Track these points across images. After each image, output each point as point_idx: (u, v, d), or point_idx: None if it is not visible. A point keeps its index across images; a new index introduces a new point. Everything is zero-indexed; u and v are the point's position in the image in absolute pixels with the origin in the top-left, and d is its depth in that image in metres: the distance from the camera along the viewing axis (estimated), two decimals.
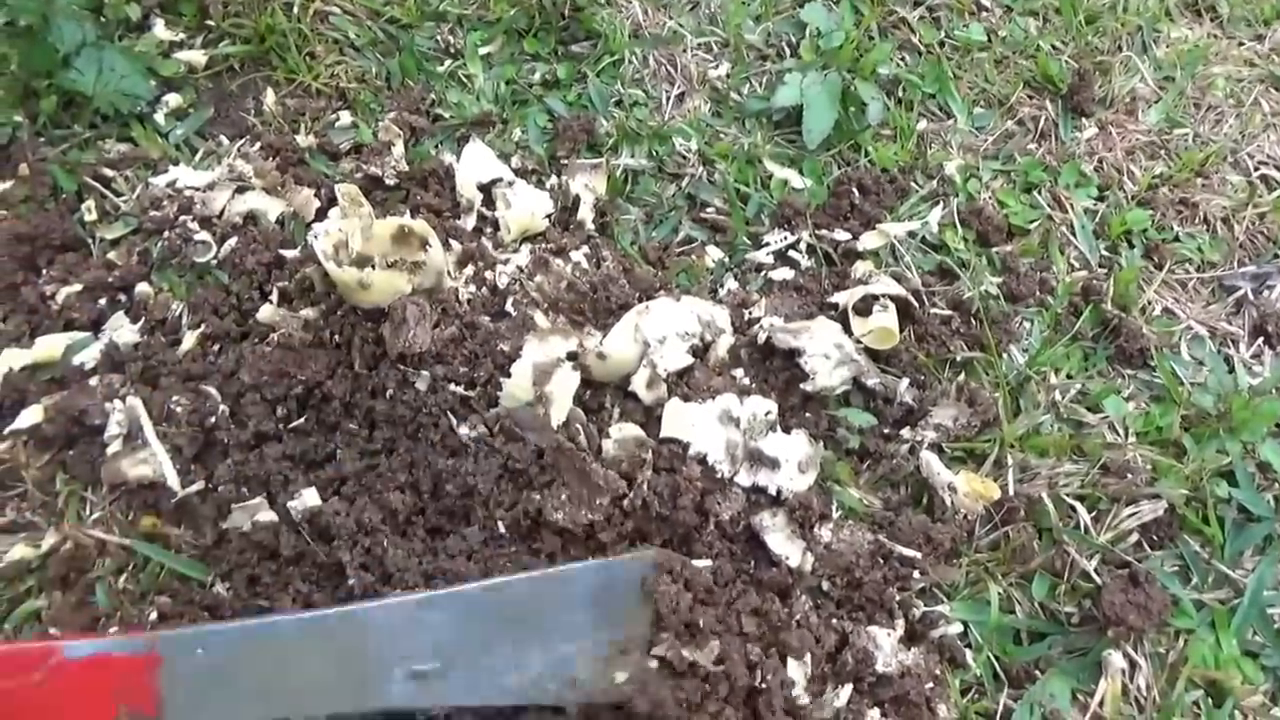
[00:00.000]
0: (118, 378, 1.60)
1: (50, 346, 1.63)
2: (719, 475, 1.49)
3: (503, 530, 1.44)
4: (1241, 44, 2.35)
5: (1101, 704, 1.45)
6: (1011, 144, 2.09)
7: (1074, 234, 1.95)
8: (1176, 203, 2.00)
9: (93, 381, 1.60)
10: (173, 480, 1.50)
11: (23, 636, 1.44)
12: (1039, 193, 2.01)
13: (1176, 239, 1.97)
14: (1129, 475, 1.60)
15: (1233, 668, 1.47)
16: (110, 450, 1.53)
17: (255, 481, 1.52)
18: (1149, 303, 1.86)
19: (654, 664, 1.29)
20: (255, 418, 1.55)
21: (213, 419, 1.55)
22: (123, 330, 1.66)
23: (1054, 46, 2.25)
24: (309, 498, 1.48)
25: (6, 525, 1.54)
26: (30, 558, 1.49)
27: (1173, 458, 1.64)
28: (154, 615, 1.43)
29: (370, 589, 1.40)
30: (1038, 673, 1.48)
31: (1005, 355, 1.76)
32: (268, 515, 1.48)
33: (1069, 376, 1.74)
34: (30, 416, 1.56)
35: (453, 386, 1.53)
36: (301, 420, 1.56)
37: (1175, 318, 1.85)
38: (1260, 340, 1.85)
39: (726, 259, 1.88)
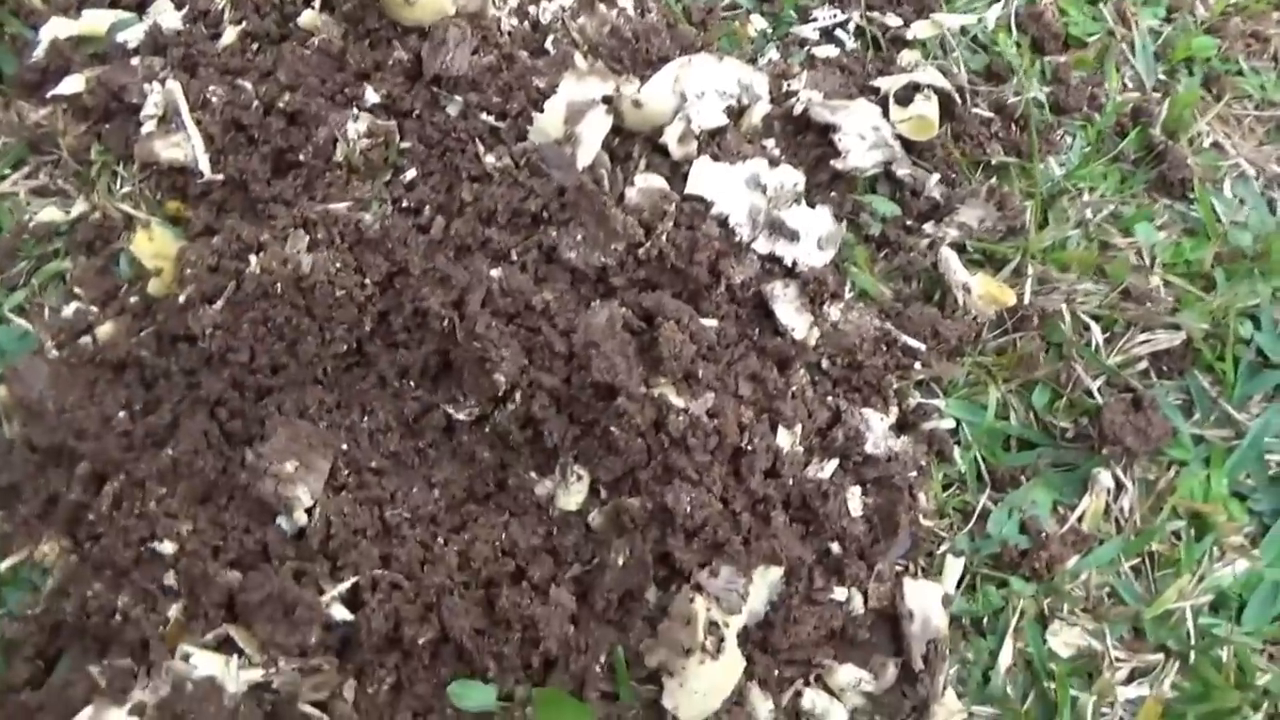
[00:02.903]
0: (158, 60, 1.62)
1: (96, 21, 1.65)
2: (737, 239, 1.49)
3: (515, 259, 1.45)
4: None
5: (1081, 519, 1.46)
6: None
7: (1133, 52, 1.87)
8: (1248, 35, 1.91)
9: (134, 61, 1.62)
10: (204, 165, 1.52)
11: (47, 295, 1.50)
12: (1104, 4, 1.92)
13: (1240, 73, 1.88)
14: (1149, 303, 1.57)
15: (1220, 504, 1.47)
16: (145, 129, 1.55)
17: None
18: (1199, 134, 1.79)
19: None
20: None
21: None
22: (167, 14, 1.67)
23: None
24: None
25: (39, 188, 1.60)
26: (59, 221, 1.54)
27: (1200, 290, 1.60)
28: None
29: None
30: (1023, 479, 1.49)
31: (1042, 165, 1.71)
32: None
33: (1104, 196, 1.70)
34: (72, 85, 1.59)
35: (484, 115, 1.53)
36: None
37: (1224, 152, 1.78)
38: None
39: (770, 30, 1.84)
